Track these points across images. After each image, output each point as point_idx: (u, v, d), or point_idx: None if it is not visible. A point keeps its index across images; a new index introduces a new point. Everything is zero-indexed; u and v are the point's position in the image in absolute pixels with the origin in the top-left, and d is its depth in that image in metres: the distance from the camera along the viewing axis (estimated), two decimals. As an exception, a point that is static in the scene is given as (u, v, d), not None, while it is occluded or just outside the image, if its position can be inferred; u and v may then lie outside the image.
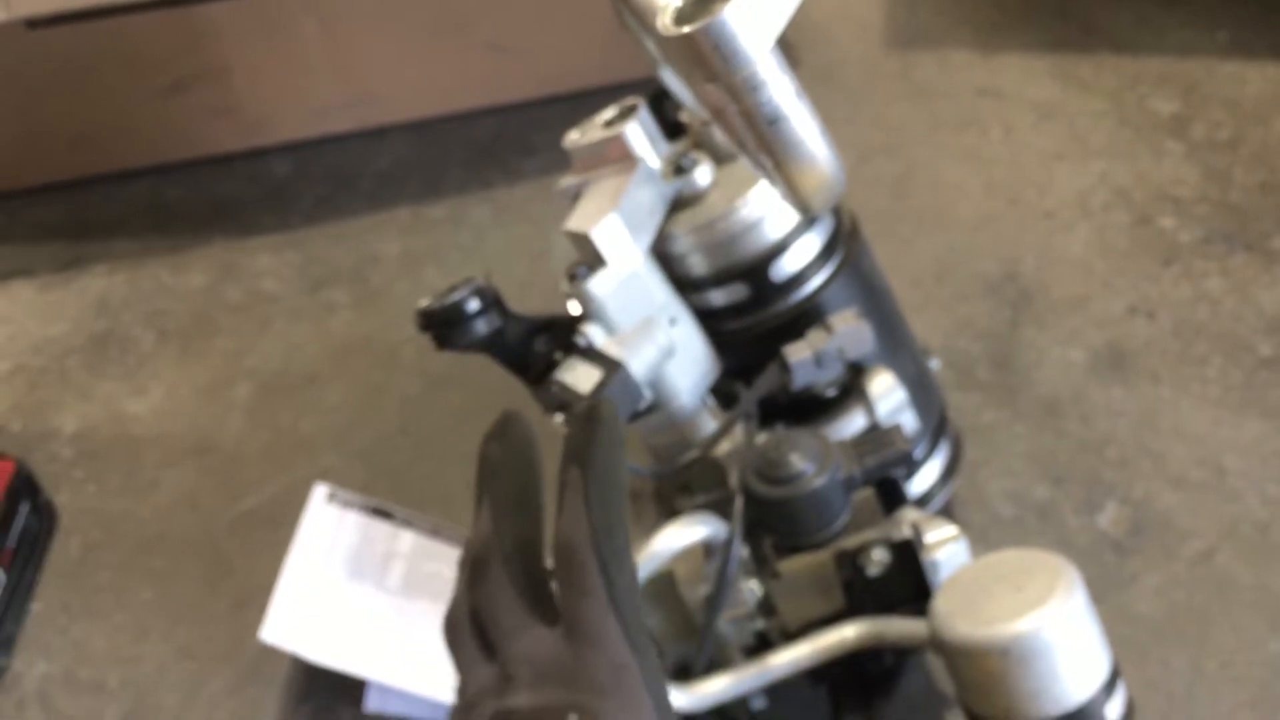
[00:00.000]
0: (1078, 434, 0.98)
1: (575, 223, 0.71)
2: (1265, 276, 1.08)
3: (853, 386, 0.77)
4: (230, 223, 1.30)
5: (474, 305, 0.67)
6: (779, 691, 0.75)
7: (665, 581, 0.73)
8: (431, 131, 1.38)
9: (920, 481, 0.83)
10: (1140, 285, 1.09)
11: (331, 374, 1.12)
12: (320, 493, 0.91)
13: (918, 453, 0.82)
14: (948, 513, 0.85)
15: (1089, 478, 0.94)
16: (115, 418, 1.10)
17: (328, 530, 0.89)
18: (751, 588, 0.71)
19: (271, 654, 0.85)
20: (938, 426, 0.85)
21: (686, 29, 0.43)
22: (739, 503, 0.68)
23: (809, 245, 0.75)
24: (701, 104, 0.46)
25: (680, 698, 0.70)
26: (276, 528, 0.92)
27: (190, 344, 1.17)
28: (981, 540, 0.89)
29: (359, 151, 1.37)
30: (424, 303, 0.68)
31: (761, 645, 0.73)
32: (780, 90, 0.42)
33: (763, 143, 0.44)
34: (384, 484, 0.99)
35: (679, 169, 0.74)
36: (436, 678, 0.83)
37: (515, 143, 1.35)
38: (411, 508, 0.94)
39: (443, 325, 0.67)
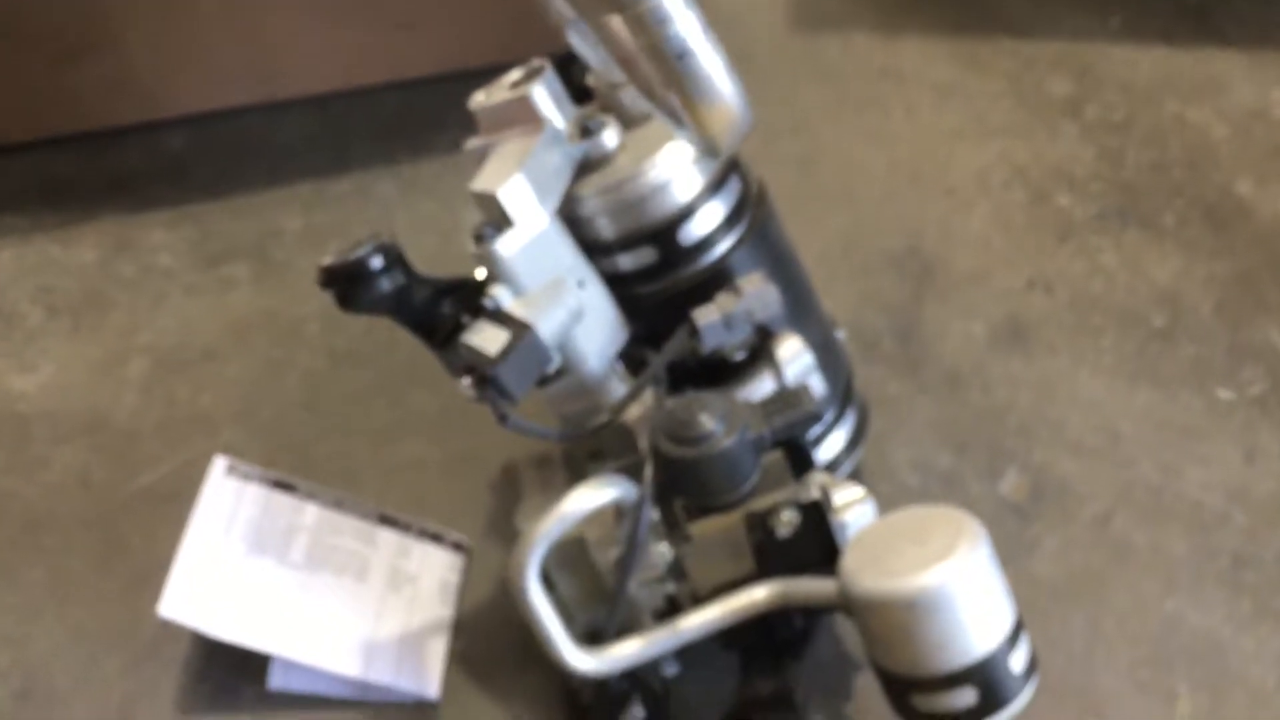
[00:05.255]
0: (979, 404, 0.99)
1: (481, 183, 0.70)
2: (1156, 251, 1.11)
3: (761, 351, 0.77)
4: (124, 197, 1.26)
5: (378, 262, 0.65)
6: (691, 656, 0.75)
7: (576, 546, 0.73)
8: (335, 106, 1.35)
9: (827, 449, 0.84)
10: (1038, 260, 1.11)
11: (231, 350, 1.09)
12: (220, 465, 0.88)
13: (825, 417, 0.82)
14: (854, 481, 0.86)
15: (990, 446, 0.96)
16: (0, 395, 1.06)
17: (228, 503, 0.87)
18: (662, 551, 0.71)
19: (170, 633, 0.83)
20: (844, 394, 0.86)
21: (596, -41, 0.42)
22: (649, 465, 0.68)
23: (717, 209, 0.76)
24: (609, 48, 0.45)
25: (591, 662, 0.69)
26: (174, 505, 0.89)
27: (81, 320, 1.13)
28: (887, 508, 0.89)
29: (259, 125, 1.33)
30: (326, 259, 0.66)
31: (672, 609, 0.73)
32: (687, 25, 0.42)
33: (670, 79, 0.43)
34: (286, 459, 0.96)
35: (586, 131, 0.73)
36: (342, 652, 0.81)
37: (422, 118, 1.33)
38: (316, 482, 0.92)
39: (345, 282, 0.66)
